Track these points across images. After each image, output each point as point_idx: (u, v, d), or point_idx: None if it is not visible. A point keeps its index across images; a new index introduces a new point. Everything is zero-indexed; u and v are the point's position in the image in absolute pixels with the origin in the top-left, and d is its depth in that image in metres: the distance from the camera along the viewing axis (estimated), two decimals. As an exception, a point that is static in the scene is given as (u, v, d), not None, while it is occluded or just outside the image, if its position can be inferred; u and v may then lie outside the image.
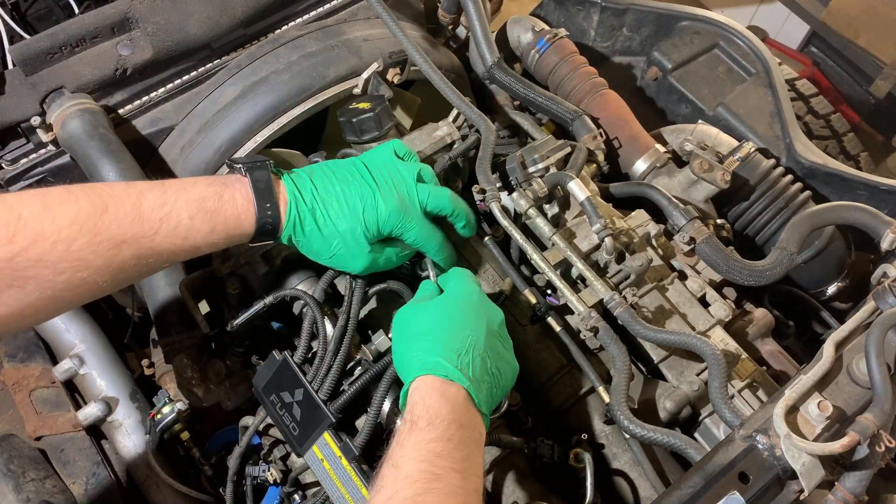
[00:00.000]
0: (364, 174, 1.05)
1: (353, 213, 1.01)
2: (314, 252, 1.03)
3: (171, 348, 1.23)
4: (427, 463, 0.80)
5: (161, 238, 0.90)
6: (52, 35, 1.29)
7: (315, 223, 1.00)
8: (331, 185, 1.02)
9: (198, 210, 0.92)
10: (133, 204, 0.88)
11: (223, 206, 0.94)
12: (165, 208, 0.90)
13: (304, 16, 1.54)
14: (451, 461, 0.81)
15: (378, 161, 1.08)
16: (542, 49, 1.65)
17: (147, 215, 0.89)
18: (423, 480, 0.78)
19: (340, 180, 1.03)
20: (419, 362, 0.91)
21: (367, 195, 1.02)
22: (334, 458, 1.00)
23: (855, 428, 0.84)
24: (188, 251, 0.94)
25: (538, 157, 1.29)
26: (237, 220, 0.95)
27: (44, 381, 1.31)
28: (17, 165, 1.32)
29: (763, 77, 1.69)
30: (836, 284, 1.52)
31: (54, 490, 1.17)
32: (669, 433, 1.02)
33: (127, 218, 0.87)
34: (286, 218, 0.98)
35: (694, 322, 1.20)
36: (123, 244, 0.87)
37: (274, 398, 1.06)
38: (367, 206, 1.02)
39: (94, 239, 0.84)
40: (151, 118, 1.41)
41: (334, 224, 1.01)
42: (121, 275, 0.89)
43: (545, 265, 1.14)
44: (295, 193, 1.00)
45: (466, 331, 0.94)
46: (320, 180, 1.03)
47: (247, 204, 0.96)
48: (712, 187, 1.41)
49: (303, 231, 1.00)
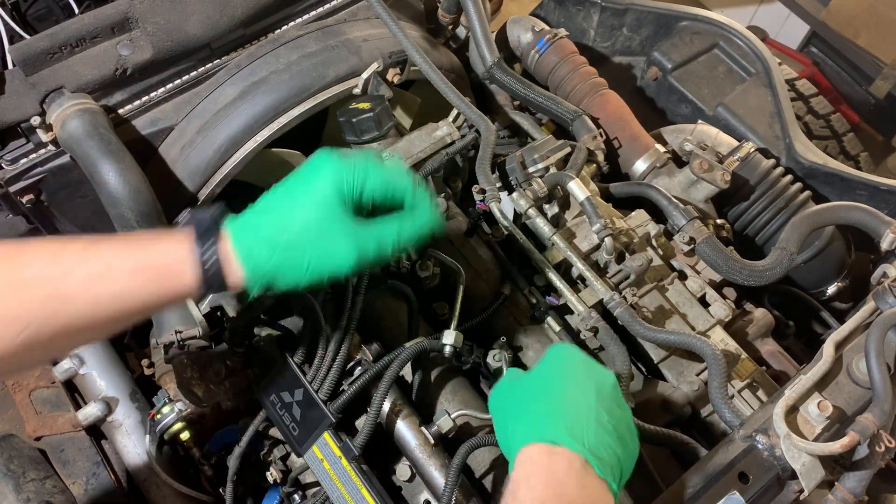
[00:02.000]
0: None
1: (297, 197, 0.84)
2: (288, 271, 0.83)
3: (171, 348, 1.23)
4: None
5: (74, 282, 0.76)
6: (52, 35, 1.29)
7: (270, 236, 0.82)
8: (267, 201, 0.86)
9: (123, 249, 0.80)
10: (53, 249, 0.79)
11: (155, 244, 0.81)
12: (88, 251, 0.79)
13: (304, 16, 1.54)
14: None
15: None
16: (542, 49, 1.65)
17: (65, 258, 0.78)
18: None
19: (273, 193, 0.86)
20: (522, 431, 0.81)
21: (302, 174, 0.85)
22: (334, 458, 1.00)
23: (855, 428, 0.84)
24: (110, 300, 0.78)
25: (538, 157, 1.29)
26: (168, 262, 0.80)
27: (44, 381, 1.31)
28: (17, 165, 1.32)
29: (763, 77, 1.69)
30: (836, 284, 1.52)
31: (54, 490, 1.17)
32: (669, 433, 1.02)
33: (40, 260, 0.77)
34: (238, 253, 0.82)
35: (694, 322, 1.20)
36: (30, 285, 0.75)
37: (274, 398, 1.06)
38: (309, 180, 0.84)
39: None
40: (151, 118, 1.41)
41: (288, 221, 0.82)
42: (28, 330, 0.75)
43: (545, 265, 1.14)
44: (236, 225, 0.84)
45: (574, 392, 0.84)
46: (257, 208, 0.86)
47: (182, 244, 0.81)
48: (712, 187, 1.41)
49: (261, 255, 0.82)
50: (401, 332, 1.17)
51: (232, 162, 1.39)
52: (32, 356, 0.81)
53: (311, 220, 0.82)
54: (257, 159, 1.42)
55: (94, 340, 0.85)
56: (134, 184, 1.24)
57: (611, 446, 0.80)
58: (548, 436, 0.79)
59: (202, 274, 0.80)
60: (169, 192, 1.39)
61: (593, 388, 0.84)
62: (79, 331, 0.79)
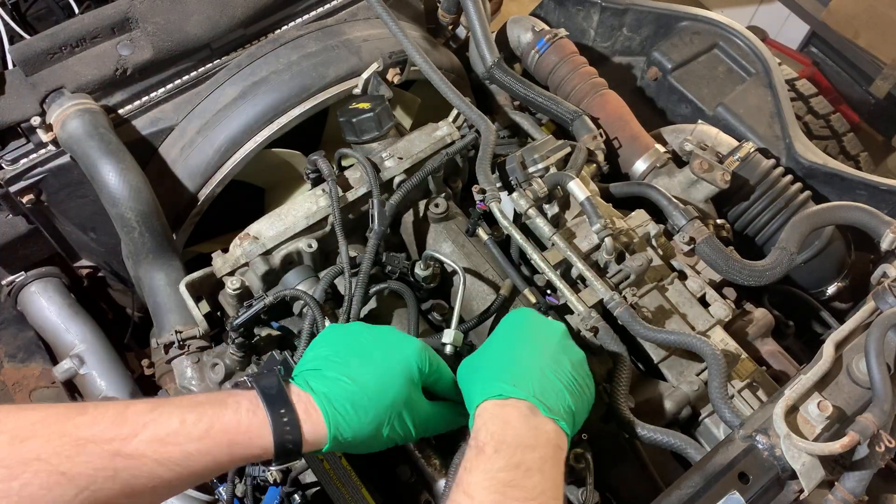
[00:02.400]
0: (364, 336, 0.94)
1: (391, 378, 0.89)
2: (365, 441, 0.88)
3: (171, 348, 1.23)
4: (498, 494, 0.78)
5: (140, 443, 0.75)
6: (52, 35, 1.29)
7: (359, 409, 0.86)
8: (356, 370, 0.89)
9: (191, 412, 0.78)
10: (118, 409, 0.77)
11: (224, 409, 0.80)
12: (154, 413, 0.78)
13: (304, 16, 1.54)
14: (523, 491, 0.79)
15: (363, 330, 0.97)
16: (542, 49, 1.65)
17: (130, 418, 0.76)
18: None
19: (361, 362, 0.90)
20: (478, 391, 0.89)
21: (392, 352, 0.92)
22: (334, 458, 1.00)
23: (855, 428, 0.84)
24: (178, 464, 0.77)
25: (538, 157, 1.29)
26: (242, 429, 0.80)
27: (44, 381, 1.31)
28: (17, 165, 1.32)
29: (763, 77, 1.69)
30: (836, 284, 1.52)
31: (54, 490, 1.17)
32: (669, 433, 1.02)
33: (105, 420, 0.75)
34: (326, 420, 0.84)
35: (694, 322, 1.20)
36: (91, 444, 0.73)
37: (274, 398, 1.06)
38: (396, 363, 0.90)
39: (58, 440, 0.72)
40: (151, 118, 1.41)
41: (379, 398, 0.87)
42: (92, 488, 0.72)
43: (545, 265, 1.14)
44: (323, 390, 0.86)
45: (520, 349, 0.93)
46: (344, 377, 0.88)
47: (255, 411, 0.82)
48: (712, 187, 1.41)
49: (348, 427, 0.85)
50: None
51: (232, 162, 1.39)
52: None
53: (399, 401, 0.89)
54: (257, 159, 1.42)
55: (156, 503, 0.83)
56: (134, 184, 1.25)
57: (557, 391, 0.89)
58: (496, 391, 0.87)
59: (278, 443, 0.81)
60: (169, 192, 1.39)
61: (540, 343, 0.94)
62: (141, 493, 0.77)
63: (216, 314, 1.23)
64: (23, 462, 0.70)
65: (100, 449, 0.73)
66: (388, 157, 1.26)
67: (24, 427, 0.72)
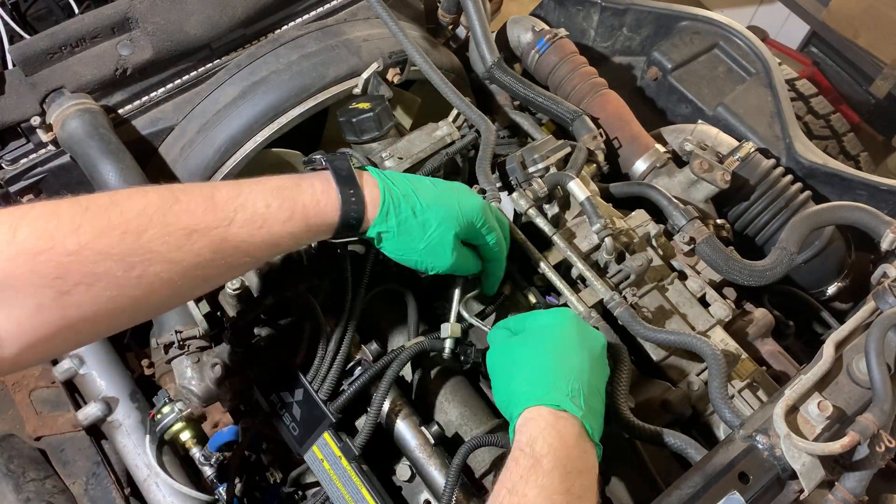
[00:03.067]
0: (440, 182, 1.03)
1: (447, 201, 0.97)
2: (404, 244, 0.96)
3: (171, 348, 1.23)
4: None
5: (237, 228, 0.84)
6: (52, 35, 1.29)
7: (411, 209, 0.95)
8: (419, 179, 0.99)
9: (274, 197, 0.87)
10: (205, 195, 0.84)
11: (301, 193, 0.90)
12: (240, 198, 0.86)
13: (304, 16, 1.54)
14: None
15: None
16: (542, 49, 1.65)
17: (220, 205, 0.84)
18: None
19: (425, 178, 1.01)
20: (527, 393, 0.88)
21: (457, 187, 1.01)
22: (334, 458, 1.00)
23: (855, 428, 0.84)
24: (268, 244, 0.88)
25: (538, 157, 1.29)
26: (317, 208, 0.90)
27: (44, 381, 1.31)
28: (17, 165, 1.32)
29: (763, 77, 1.69)
30: (836, 284, 1.52)
31: (54, 490, 1.17)
32: (669, 433, 1.02)
33: (199, 208, 0.83)
34: (380, 203, 0.93)
35: (694, 322, 1.20)
36: (195, 233, 0.81)
37: (274, 398, 1.06)
38: (461, 195, 0.99)
39: (164, 230, 0.79)
40: (151, 118, 1.41)
41: (430, 210, 0.95)
42: (197, 271, 0.83)
43: (545, 265, 1.14)
44: (384, 179, 0.96)
45: (572, 357, 0.91)
46: (405, 176, 0.99)
47: (328, 190, 0.91)
48: (712, 187, 1.41)
49: (396, 218, 0.94)
50: (401, 332, 1.17)
51: (232, 162, 1.39)
52: (192, 295, 0.94)
53: (442, 219, 0.96)
54: (257, 159, 1.42)
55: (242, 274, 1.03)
56: (134, 184, 1.24)
57: (598, 412, 0.90)
58: (552, 399, 0.86)
59: (343, 221, 0.92)
60: (169, 192, 1.39)
61: (587, 352, 0.93)
62: (237, 267, 0.90)
63: (216, 314, 1.23)
64: (137, 254, 0.78)
65: (204, 238, 0.82)
66: (388, 157, 1.26)
67: (131, 220, 0.78)
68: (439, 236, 0.96)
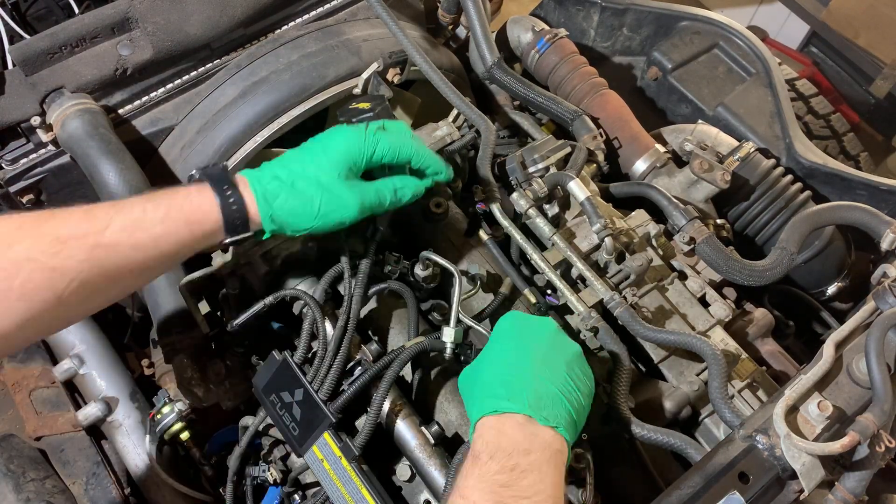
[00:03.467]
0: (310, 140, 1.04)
1: (312, 157, 0.99)
2: (300, 215, 0.97)
3: (171, 348, 1.23)
4: (493, 494, 0.80)
5: (113, 233, 0.86)
6: (52, 35, 1.29)
7: (285, 182, 0.96)
8: (285, 155, 1.01)
9: (149, 201, 0.90)
10: (83, 209, 0.87)
11: (176, 194, 0.92)
12: (118, 207, 0.89)
13: (304, 16, 1.54)
14: (518, 490, 0.81)
15: None
16: (542, 49, 1.65)
17: (98, 214, 0.87)
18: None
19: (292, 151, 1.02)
20: (476, 408, 0.91)
21: (320, 138, 1.02)
22: (334, 458, 1.00)
23: (855, 428, 0.84)
24: (147, 246, 0.88)
25: (538, 157, 1.29)
26: (192, 206, 0.92)
27: (44, 381, 1.31)
28: (17, 165, 1.32)
29: (763, 77, 1.69)
30: (836, 284, 1.52)
31: (54, 490, 1.17)
32: (669, 433, 1.02)
33: (75, 217, 0.86)
34: (255, 194, 0.94)
35: (694, 322, 1.20)
36: (70, 240, 0.83)
37: (274, 398, 1.06)
38: (326, 144, 1.00)
39: (38, 241, 0.82)
40: (151, 118, 1.41)
41: (302, 174, 0.97)
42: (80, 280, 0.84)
43: (545, 265, 1.14)
44: (252, 173, 0.97)
45: (512, 358, 0.93)
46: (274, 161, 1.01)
47: (202, 190, 0.93)
48: (712, 187, 1.41)
49: (277, 197, 0.95)
50: (401, 332, 1.17)
51: (232, 162, 1.39)
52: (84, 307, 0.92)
53: (323, 173, 0.97)
54: (257, 159, 1.42)
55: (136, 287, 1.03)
56: (134, 184, 1.25)
57: (553, 397, 0.89)
58: (492, 407, 0.88)
59: (226, 215, 0.92)
60: (169, 192, 1.39)
61: (530, 347, 0.94)
62: (121, 276, 0.89)
63: (216, 314, 1.23)
64: (16, 263, 0.81)
65: (80, 243, 0.84)
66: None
67: (8, 233, 0.82)
68: (325, 192, 0.97)
